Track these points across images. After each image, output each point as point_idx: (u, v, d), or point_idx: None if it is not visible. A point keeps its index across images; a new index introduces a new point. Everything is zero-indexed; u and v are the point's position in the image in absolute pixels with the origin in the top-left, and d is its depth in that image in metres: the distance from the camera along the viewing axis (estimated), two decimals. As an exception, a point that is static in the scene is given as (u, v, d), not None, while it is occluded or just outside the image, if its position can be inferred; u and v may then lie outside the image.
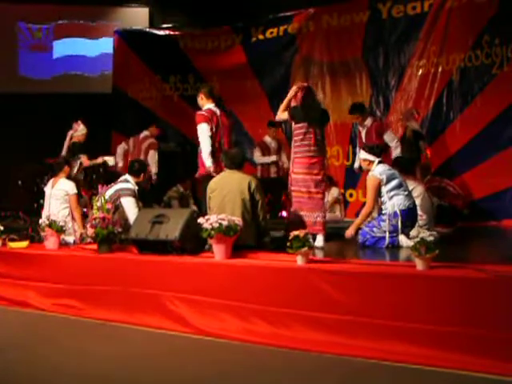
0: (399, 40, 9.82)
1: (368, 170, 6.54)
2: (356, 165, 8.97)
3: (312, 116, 6.66)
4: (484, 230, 8.26)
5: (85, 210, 7.84)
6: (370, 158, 6.53)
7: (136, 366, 4.37)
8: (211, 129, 6.95)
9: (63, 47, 13.11)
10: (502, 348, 3.98)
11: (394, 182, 6.34)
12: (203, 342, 4.97)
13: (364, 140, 8.37)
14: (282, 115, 6.87)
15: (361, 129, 8.55)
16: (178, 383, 4.00)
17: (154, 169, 9.55)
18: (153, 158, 9.66)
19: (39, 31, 12.99)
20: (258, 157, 9.97)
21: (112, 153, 10.41)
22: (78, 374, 4.19)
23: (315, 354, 4.46)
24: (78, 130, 9.14)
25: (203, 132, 6.93)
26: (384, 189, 6.33)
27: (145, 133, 9.86)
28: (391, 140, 8.35)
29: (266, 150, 9.92)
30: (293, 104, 6.81)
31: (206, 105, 7.17)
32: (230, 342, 4.85)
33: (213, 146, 6.93)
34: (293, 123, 6.78)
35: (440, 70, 9.43)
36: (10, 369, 4.36)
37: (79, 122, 9.20)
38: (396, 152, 8.24)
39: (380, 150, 6.73)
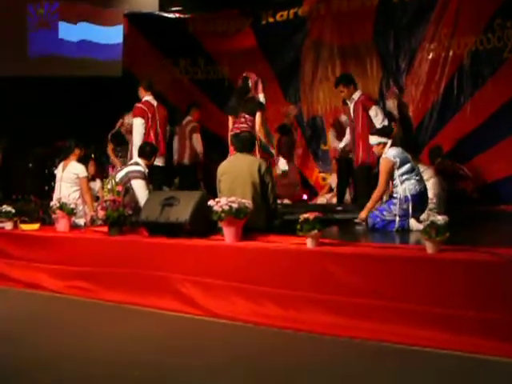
0: (410, 23, 9.76)
1: (381, 154, 6.47)
2: (341, 145, 8.90)
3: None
4: (494, 213, 8.25)
5: None
6: (383, 140, 6.48)
7: (147, 347, 4.39)
8: (147, 121, 7.94)
9: (72, 31, 13.18)
10: (512, 331, 3.99)
11: (406, 166, 6.29)
12: (213, 323, 4.99)
13: (352, 115, 7.87)
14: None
15: (348, 103, 7.96)
16: (188, 365, 4.01)
17: (199, 149, 9.84)
18: (197, 141, 9.84)
19: (42, 7, 13.07)
20: (333, 140, 9.60)
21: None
22: (90, 357, 4.21)
23: (325, 336, 4.48)
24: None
25: (137, 126, 7.96)
26: (397, 172, 6.28)
27: (188, 118, 9.94)
28: (374, 116, 7.70)
29: (341, 131, 9.36)
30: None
31: (145, 97, 8.14)
32: (240, 324, 4.88)
33: (148, 135, 7.92)
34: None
35: (451, 53, 9.38)
36: (23, 352, 4.38)
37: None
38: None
39: (390, 131, 6.70)
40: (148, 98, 8.19)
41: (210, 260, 5.36)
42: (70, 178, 7.43)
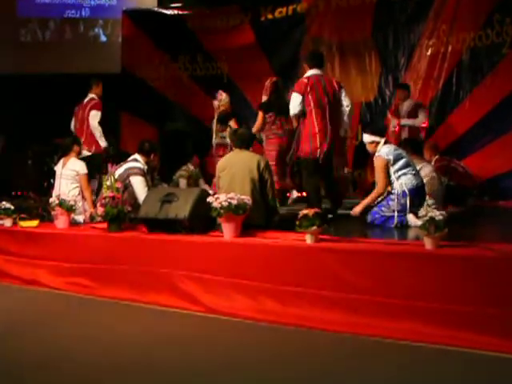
0: (409, 19, 9.75)
1: (374, 152, 6.47)
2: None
3: (278, 107, 8.19)
4: (493, 209, 8.24)
5: None
6: (376, 138, 6.49)
7: (147, 344, 4.40)
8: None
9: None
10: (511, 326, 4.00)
11: (401, 162, 6.29)
12: (213, 320, 5.00)
13: None
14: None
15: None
16: (188, 361, 4.03)
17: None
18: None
19: None
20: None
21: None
22: (89, 352, 4.23)
23: (323, 332, 4.49)
24: (222, 100, 9.11)
25: (98, 118, 8.83)
26: (391, 169, 6.27)
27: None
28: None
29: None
30: (264, 97, 8.43)
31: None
32: (239, 320, 4.89)
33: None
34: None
35: (450, 49, 9.36)
36: (22, 347, 4.40)
37: (220, 91, 9.20)
38: None
39: (383, 129, 6.68)
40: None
41: (209, 256, 5.37)
42: (69, 175, 7.43)
